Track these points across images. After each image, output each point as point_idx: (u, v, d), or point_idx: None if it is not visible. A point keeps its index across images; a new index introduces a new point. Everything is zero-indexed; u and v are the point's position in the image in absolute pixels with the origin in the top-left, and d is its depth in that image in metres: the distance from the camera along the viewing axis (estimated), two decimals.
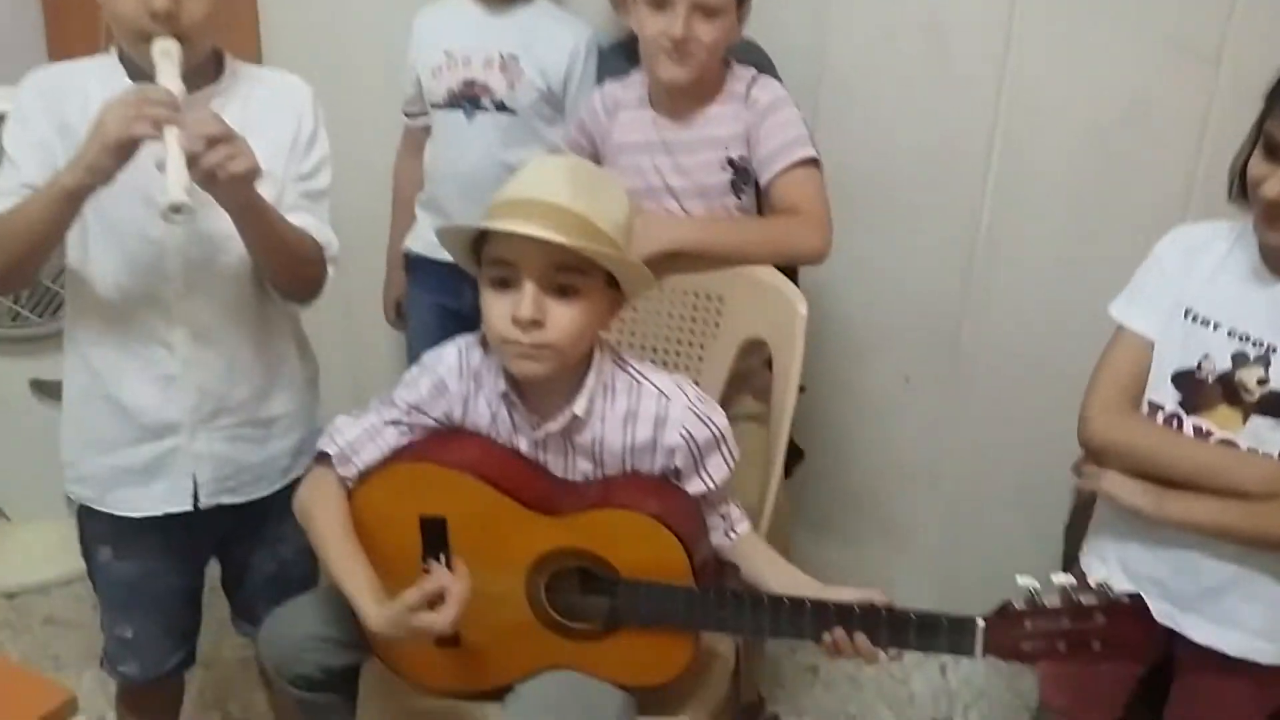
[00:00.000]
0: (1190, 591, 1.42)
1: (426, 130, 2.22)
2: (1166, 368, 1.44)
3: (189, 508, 1.56)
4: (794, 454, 2.08)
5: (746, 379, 1.84)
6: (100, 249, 1.48)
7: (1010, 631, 1.26)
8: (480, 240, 1.36)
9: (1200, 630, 1.42)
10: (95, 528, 1.62)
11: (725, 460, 1.46)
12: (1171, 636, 1.44)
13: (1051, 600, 1.25)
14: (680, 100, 1.80)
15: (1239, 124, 1.41)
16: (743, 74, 1.81)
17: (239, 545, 1.68)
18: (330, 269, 1.56)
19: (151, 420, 1.53)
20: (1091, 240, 2.13)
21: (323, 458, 1.47)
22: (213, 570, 1.75)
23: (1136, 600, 1.24)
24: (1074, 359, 1.60)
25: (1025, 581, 1.26)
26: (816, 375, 2.35)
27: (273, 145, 1.46)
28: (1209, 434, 1.40)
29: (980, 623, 1.27)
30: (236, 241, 1.45)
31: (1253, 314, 1.38)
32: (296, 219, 1.49)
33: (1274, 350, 1.36)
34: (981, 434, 2.33)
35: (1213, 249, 1.45)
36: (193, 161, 1.27)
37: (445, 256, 1.44)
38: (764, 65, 1.95)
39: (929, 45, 2.13)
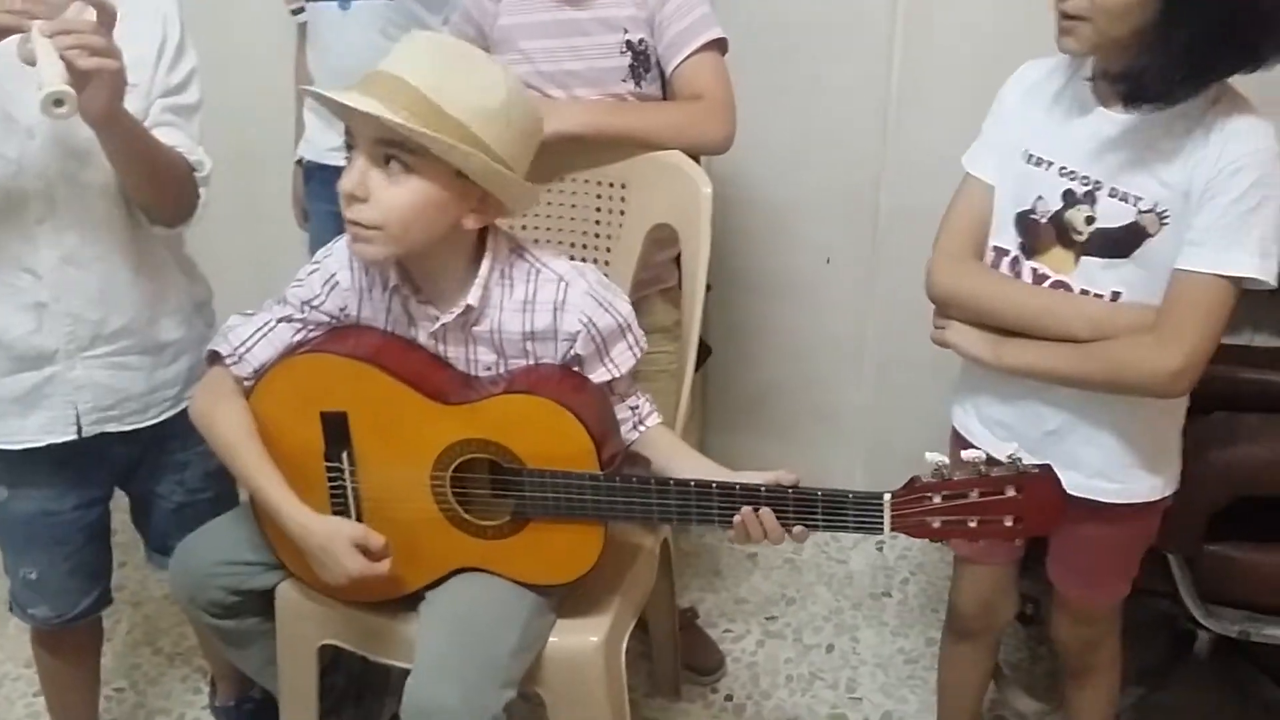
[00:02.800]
0: (1034, 435, 1.42)
1: None
2: (1007, 211, 1.42)
3: (71, 437, 1.50)
4: (702, 350, 2.05)
5: (656, 279, 1.81)
6: None
7: (918, 507, 1.24)
8: None
9: None
10: None
11: (630, 348, 1.42)
12: None
13: (960, 474, 1.23)
14: None
15: None
16: None
17: (140, 476, 1.63)
18: (202, 190, 1.48)
19: (25, 349, 1.46)
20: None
21: (215, 358, 1.43)
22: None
23: (1046, 471, 1.22)
24: None
25: (934, 457, 1.24)
26: (737, 262, 2.32)
27: (136, 55, 1.36)
28: (1045, 277, 1.39)
29: (887, 497, 1.25)
30: (101, 157, 1.37)
31: (1077, 148, 1.34)
32: (165, 135, 1.41)
33: (1099, 186, 1.33)
34: (906, 306, 2.29)
35: (1050, 84, 1.41)
36: (65, 54, 1.19)
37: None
38: None
39: None
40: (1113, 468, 1.41)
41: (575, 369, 1.41)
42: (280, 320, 1.42)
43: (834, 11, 2.11)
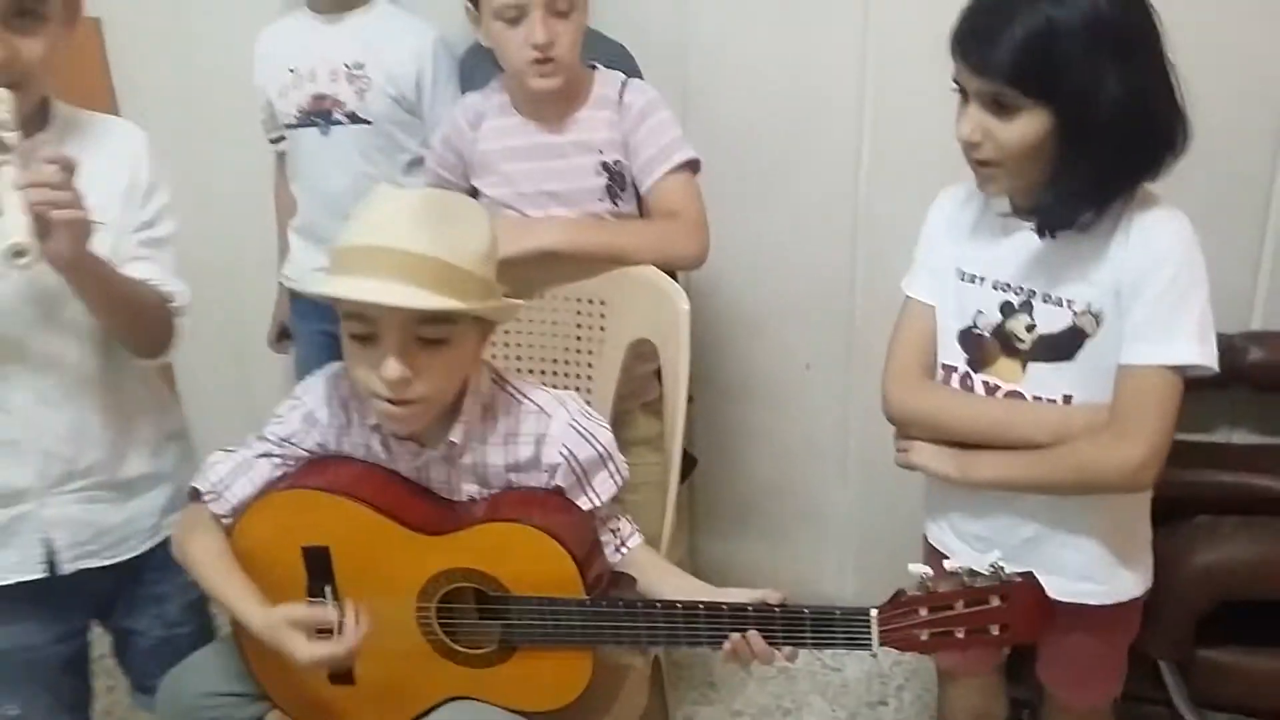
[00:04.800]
0: (1012, 544, 1.42)
1: None
2: (950, 330, 1.46)
3: (42, 574, 1.48)
4: (687, 462, 2.06)
5: (638, 393, 1.82)
6: None
7: (905, 621, 1.24)
8: None
9: None
10: None
11: (612, 476, 1.43)
12: None
13: (944, 586, 1.23)
14: (548, 105, 1.76)
15: None
16: (612, 79, 1.78)
17: (119, 610, 1.61)
18: (178, 320, 1.48)
19: None
20: None
21: (195, 494, 1.43)
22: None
23: (1029, 578, 1.22)
24: None
25: (917, 569, 1.24)
26: (716, 371, 2.34)
27: (106, 194, 1.38)
28: (997, 388, 1.41)
29: (873, 613, 1.24)
30: (73, 299, 1.37)
31: (1007, 262, 1.39)
32: (138, 269, 1.42)
33: (1033, 294, 1.37)
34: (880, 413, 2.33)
35: (971, 205, 1.46)
36: (30, 206, 1.20)
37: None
38: (629, 65, 1.92)
39: (792, 17, 2.12)
40: (1094, 569, 1.42)
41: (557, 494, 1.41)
42: (259, 456, 1.43)
43: (802, 123, 2.16)
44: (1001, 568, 1.22)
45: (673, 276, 1.74)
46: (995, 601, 1.22)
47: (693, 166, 1.75)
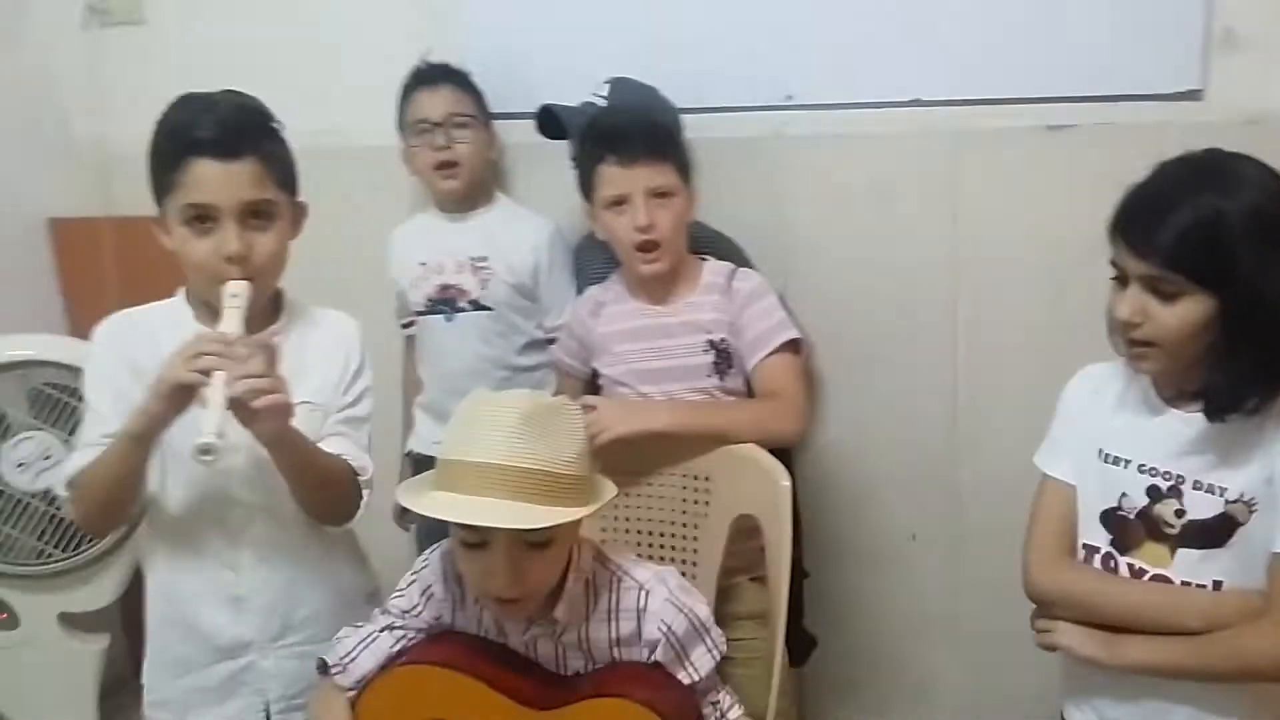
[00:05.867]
0: None
1: None
2: (1092, 509, 1.46)
3: None
4: (807, 642, 2.07)
5: (747, 567, 1.85)
6: (172, 479, 1.56)
7: None
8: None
9: None
10: None
11: (709, 651, 1.46)
12: None
13: None
14: (659, 288, 1.90)
15: None
16: (721, 268, 1.92)
17: None
18: (365, 492, 1.60)
19: (225, 641, 1.59)
20: (1062, 375, 2.14)
21: (323, 667, 1.50)
22: None
23: None
24: None
25: None
26: (823, 540, 2.36)
27: (324, 380, 1.55)
28: (1143, 571, 1.41)
29: None
30: None
31: (1154, 447, 1.40)
32: (334, 445, 1.56)
33: (1182, 480, 1.38)
34: (993, 579, 2.30)
35: (1112, 387, 1.48)
36: (233, 402, 1.35)
37: None
38: (734, 253, 2.05)
39: (881, 199, 2.22)
40: None
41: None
42: (383, 630, 1.51)
43: (900, 303, 2.25)
44: None
45: (787, 455, 1.80)
46: None
47: (794, 346, 1.85)
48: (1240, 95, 2.02)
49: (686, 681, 1.44)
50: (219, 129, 1.47)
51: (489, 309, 2.21)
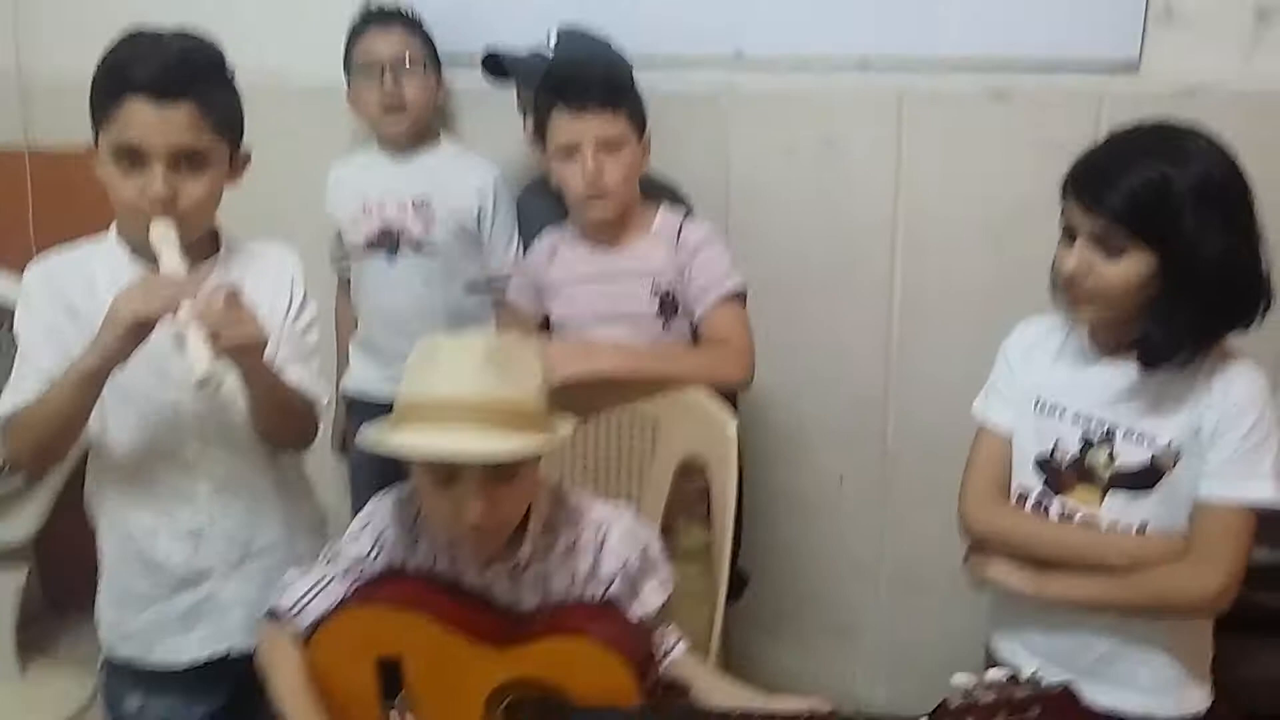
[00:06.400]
0: (1086, 661, 1.50)
1: None
2: (1027, 456, 1.55)
3: (225, 652, 1.61)
4: (739, 580, 2.13)
5: (688, 506, 1.90)
6: (118, 419, 1.54)
7: None
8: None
9: (1104, 695, 1.49)
10: (124, 679, 1.66)
11: (661, 584, 1.50)
12: None
13: (986, 696, 1.29)
14: (609, 232, 1.92)
15: None
16: (672, 216, 1.94)
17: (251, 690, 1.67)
18: (319, 421, 1.62)
19: (185, 571, 1.59)
20: (998, 329, 2.21)
21: (274, 613, 1.50)
22: None
23: (1068, 689, 1.28)
24: None
25: (960, 680, 1.30)
26: (755, 482, 2.42)
27: (271, 311, 1.53)
28: (1073, 513, 1.50)
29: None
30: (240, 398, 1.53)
31: (1089, 396, 1.49)
32: (290, 373, 1.56)
33: (1115, 428, 1.47)
34: (918, 524, 2.40)
35: (1051, 339, 1.56)
36: (209, 336, 1.34)
37: (381, 396, 1.51)
38: (678, 201, 2.07)
39: (827, 157, 2.27)
40: (1166, 684, 1.50)
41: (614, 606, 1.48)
42: (334, 578, 1.50)
43: (837, 255, 2.32)
44: (1040, 679, 1.29)
45: (731, 399, 1.85)
46: (1034, 711, 1.27)
47: (741, 297, 1.88)
48: (1176, 69, 2.11)
49: (638, 614, 1.48)
50: (159, 70, 1.43)
51: (431, 252, 2.20)
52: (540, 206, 2.22)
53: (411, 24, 2.21)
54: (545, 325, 2.04)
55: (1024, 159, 2.16)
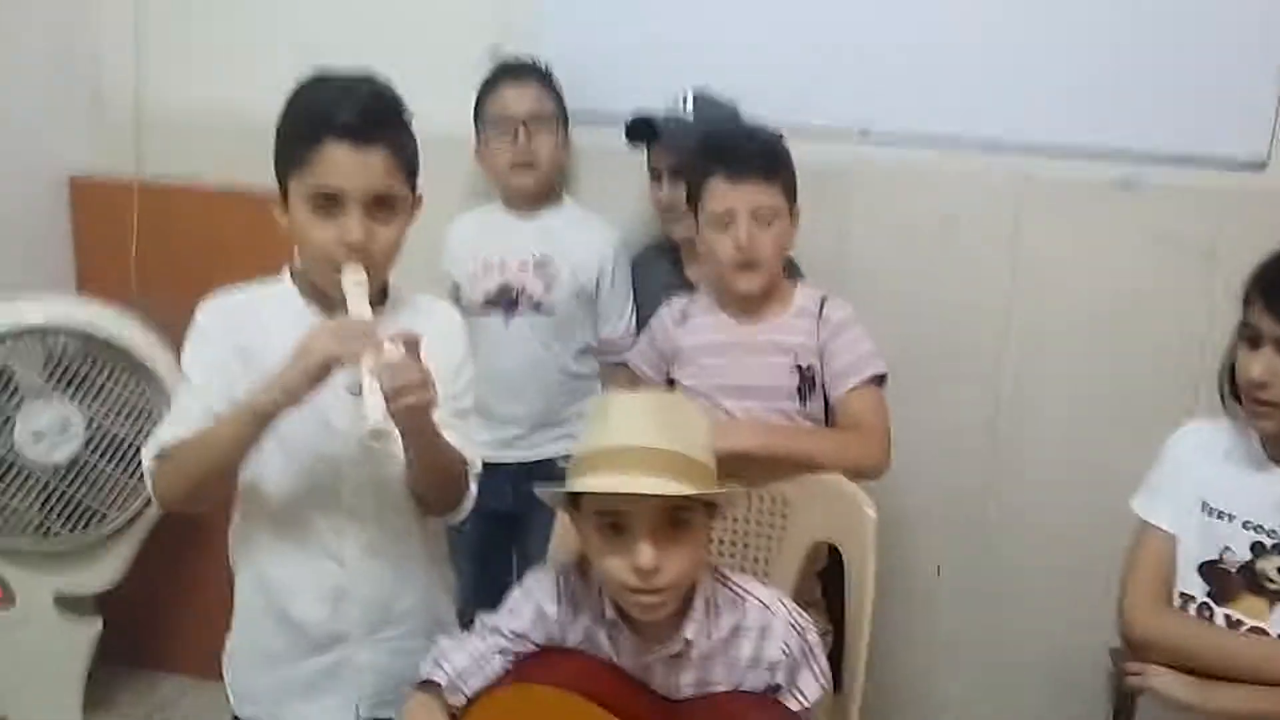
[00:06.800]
0: None
1: None
2: (1191, 560, 1.52)
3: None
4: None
5: (806, 592, 1.86)
6: (276, 467, 1.51)
7: None
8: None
9: None
10: None
11: (817, 677, 1.46)
12: None
13: None
14: (750, 305, 1.90)
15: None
16: (813, 293, 1.93)
17: None
18: (473, 484, 1.57)
19: (320, 634, 1.55)
20: (1108, 424, 2.24)
21: (427, 685, 1.45)
22: None
23: None
24: (1100, 544, 1.68)
25: None
26: None
27: (434, 370, 1.48)
28: (1239, 623, 1.47)
29: None
30: (397, 456, 1.49)
31: (1262, 504, 1.47)
32: (448, 434, 1.52)
33: None
34: (1015, 617, 2.37)
35: (1219, 443, 1.55)
36: (386, 391, 1.32)
37: (489, 459, 1.52)
38: (791, 266, 2.06)
39: (945, 237, 2.26)
40: None
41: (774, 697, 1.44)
42: (492, 651, 1.47)
43: (950, 343, 2.30)
44: None
45: None
46: None
47: (881, 380, 1.86)
48: None
49: (794, 706, 1.43)
50: (357, 114, 1.42)
51: (549, 313, 2.17)
52: (658, 272, 2.21)
53: (545, 79, 2.20)
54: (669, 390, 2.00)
55: (1145, 252, 2.16)
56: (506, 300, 2.18)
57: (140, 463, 2.12)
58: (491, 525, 2.12)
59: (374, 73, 1.50)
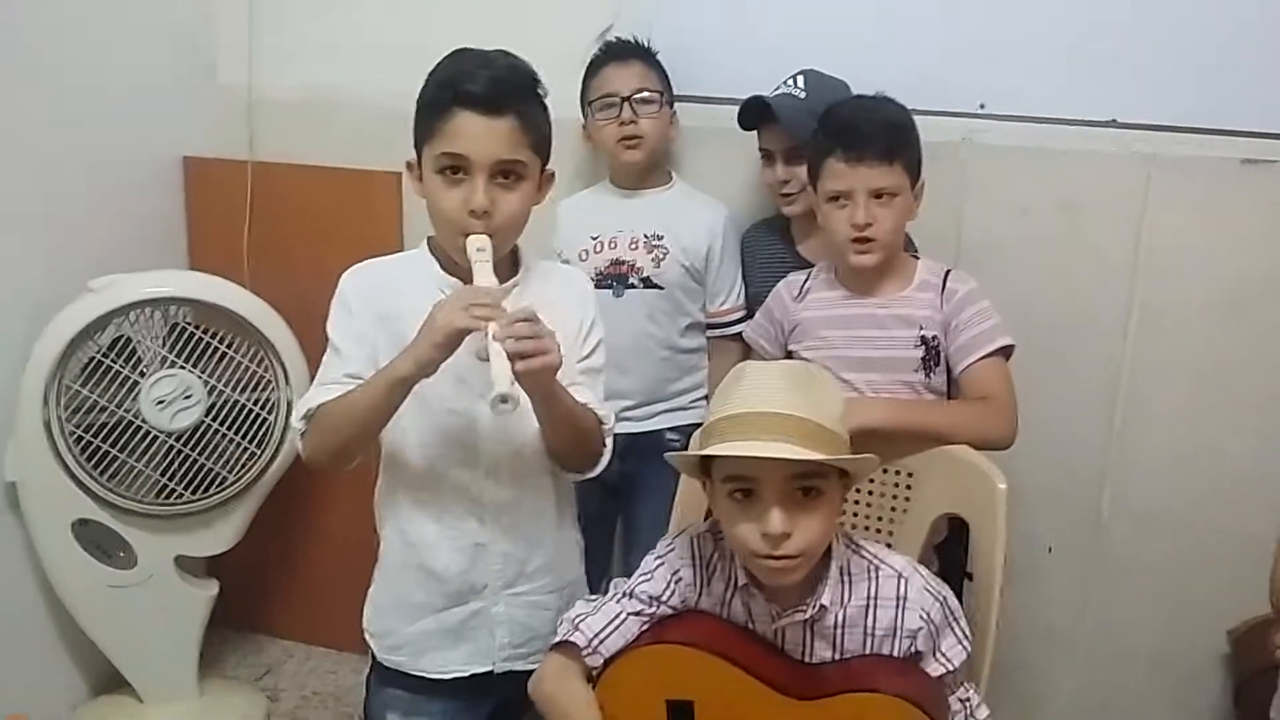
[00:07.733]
0: None
1: None
2: None
3: (489, 668, 1.62)
4: None
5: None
6: (415, 427, 1.56)
7: None
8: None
9: None
10: (386, 696, 1.67)
11: (959, 641, 1.45)
12: None
13: None
14: (869, 280, 1.89)
15: None
16: (935, 267, 1.92)
17: (511, 715, 1.68)
18: (608, 441, 1.61)
19: (460, 584, 1.61)
20: (1231, 407, 2.19)
21: (565, 646, 1.47)
22: None
23: None
24: (1215, 535, 1.61)
25: None
26: None
27: (564, 333, 1.53)
28: None
29: None
30: (532, 415, 1.52)
31: None
32: (578, 394, 1.56)
33: None
34: (1124, 599, 2.34)
35: None
36: (511, 356, 1.35)
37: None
38: (907, 241, 2.03)
39: (1064, 219, 2.23)
40: None
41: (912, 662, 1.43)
42: (629, 614, 1.48)
43: (1069, 312, 2.26)
44: None
45: None
46: None
47: (1006, 352, 1.84)
48: None
49: (936, 673, 1.43)
50: (488, 84, 1.47)
51: (660, 287, 2.19)
52: (765, 247, 2.22)
53: (649, 58, 2.22)
54: None
55: (1274, 231, 2.11)
56: (617, 277, 2.19)
57: (258, 430, 2.21)
58: (599, 495, 2.13)
59: (509, 50, 1.54)
